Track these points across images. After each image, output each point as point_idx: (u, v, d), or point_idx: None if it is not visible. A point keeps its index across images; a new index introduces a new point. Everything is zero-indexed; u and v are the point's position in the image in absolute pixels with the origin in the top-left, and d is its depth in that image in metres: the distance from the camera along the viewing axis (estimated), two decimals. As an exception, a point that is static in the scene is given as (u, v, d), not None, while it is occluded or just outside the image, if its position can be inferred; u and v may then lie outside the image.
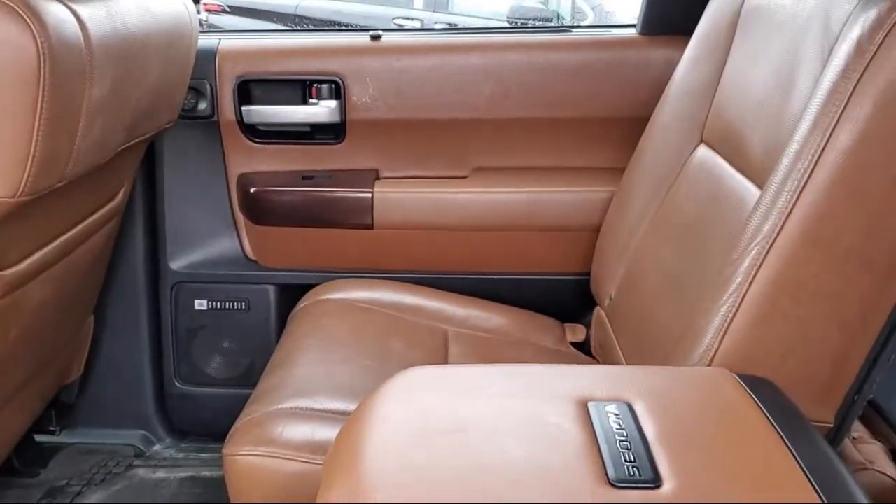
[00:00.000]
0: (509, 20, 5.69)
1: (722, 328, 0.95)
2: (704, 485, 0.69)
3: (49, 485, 1.61)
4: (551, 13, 5.82)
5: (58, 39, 0.93)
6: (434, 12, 6.25)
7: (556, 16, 5.84)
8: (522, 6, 5.97)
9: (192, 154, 1.69)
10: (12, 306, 1.13)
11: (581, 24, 5.55)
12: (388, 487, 0.68)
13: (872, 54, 0.87)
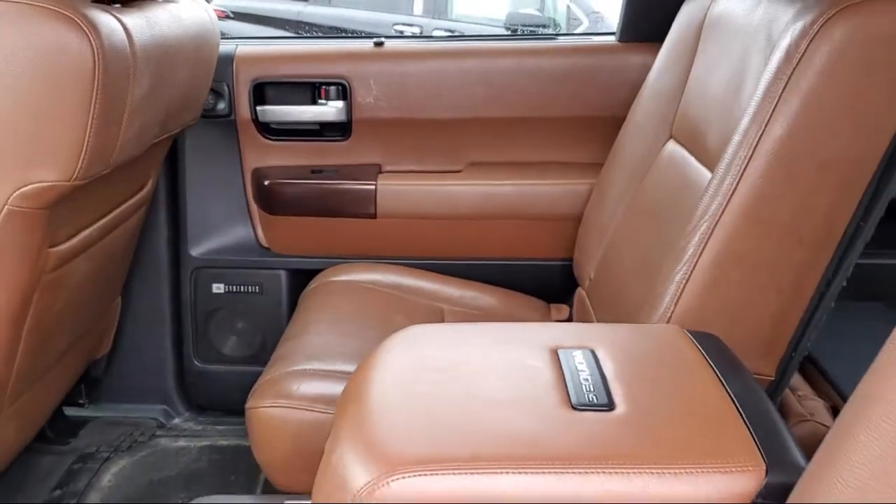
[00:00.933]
0: (506, 27, 5.79)
1: (677, 293, 1.11)
2: (649, 410, 0.85)
3: (80, 451, 1.76)
4: (547, 20, 5.92)
5: (109, 46, 1.09)
6: (433, 19, 6.33)
7: (551, 22, 5.94)
8: (519, 13, 6.09)
9: (211, 150, 1.84)
10: (60, 279, 1.29)
11: (575, 31, 5.69)
12: (391, 411, 0.84)
13: (798, 59, 1.03)
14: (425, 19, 6.32)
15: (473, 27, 6.07)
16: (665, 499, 0.75)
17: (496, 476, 0.75)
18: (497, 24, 5.98)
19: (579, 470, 0.75)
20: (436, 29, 6.03)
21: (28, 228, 1.13)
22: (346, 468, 0.78)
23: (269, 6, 6.45)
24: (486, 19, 6.31)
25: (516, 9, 6.25)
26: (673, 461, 0.76)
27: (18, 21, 1.05)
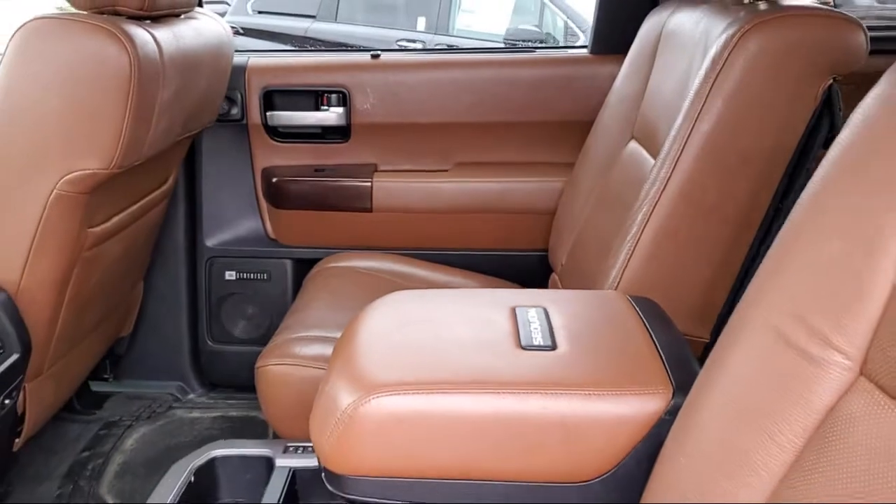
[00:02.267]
0: (505, 41, 5.95)
1: (623, 265, 1.31)
2: (584, 350, 1.04)
3: (105, 420, 1.95)
4: (545, 35, 6.10)
5: (143, 56, 1.29)
6: (435, 34, 6.48)
7: (549, 38, 6.10)
8: (518, 29, 6.26)
9: (225, 151, 2.04)
10: (96, 257, 1.48)
11: (574, 45, 5.87)
12: (374, 351, 1.03)
13: (721, 66, 1.22)
14: (427, 35, 6.46)
15: (474, 43, 6.21)
16: (590, 414, 0.94)
17: (455, 395, 0.94)
18: (497, 40, 6.13)
19: (521, 392, 0.95)
20: (438, 44, 6.18)
21: (72, 210, 1.33)
22: (336, 393, 0.97)
23: (278, 23, 6.59)
24: (487, 35, 6.44)
25: (515, 25, 6.41)
26: (597, 386, 0.95)
27: (69, 35, 1.25)
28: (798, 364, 0.72)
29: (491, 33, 6.41)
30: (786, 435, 0.72)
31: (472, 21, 6.83)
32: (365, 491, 0.97)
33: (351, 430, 0.94)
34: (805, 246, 0.76)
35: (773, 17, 1.21)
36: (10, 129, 1.27)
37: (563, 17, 6.13)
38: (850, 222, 0.71)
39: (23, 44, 1.26)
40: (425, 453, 0.95)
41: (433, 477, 0.96)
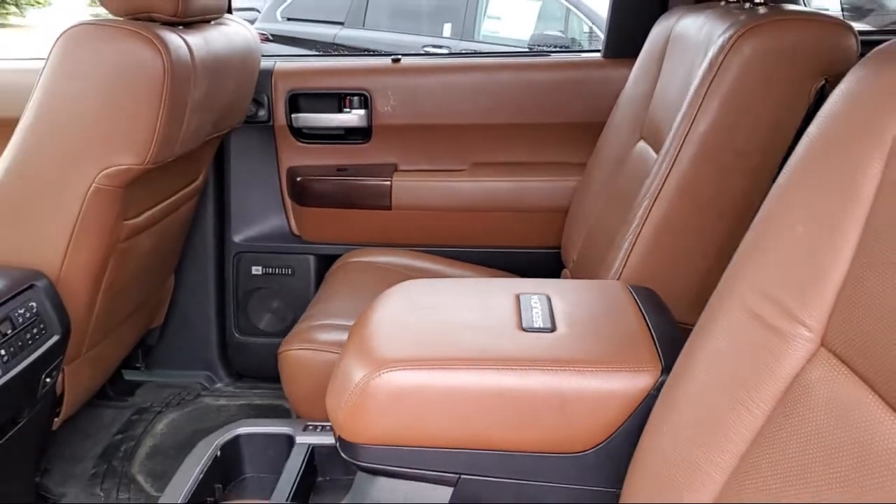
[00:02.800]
0: (530, 47, 6.01)
1: (625, 257, 1.38)
2: (581, 332, 1.11)
3: (137, 406, 2.05)
4: (569, 41, 6.16)
5: (175, 59, 1.39)
6: (461, 40, 6.56)
7: (573, 43, 6.15)
8: (543, 34, 6.33)
9: (252, 151, 2.14)
10: (130, 249, 1.58)
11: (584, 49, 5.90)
12: (385, 332, 1.11)
13: (718, 67, 1.29)
14: (453, 41, 6.53)
15: (499, 48, 6.26)
16: (584, 390, 1.01)
17: (459, 371, 1.02)
18: (522, 45, 6.19)
19: (521, 368, 1.02)
20: (463, 50, 6.25)
21: (109, 203, 1.43)
22: (349, 369, 1.06)
23: (307, 29, 6.69)
24: (512, 40, 6.49)
25: (541, 30, 6.46)
26: (591, 364, 1.02)
27: (108, 40, 1.35)
28: (767, 337, 0.79)
29: (516, 39, 6.45)
30: (756, 402, 0.78)
31: (497, 27, 6.85)
32: (375, 458, 1.05)
33: (363, 402, 1.02)
34: (774, 231, 0.83)
35: (768, 22, 1.28)
36: (53, 127, 1.37)
37: (588, 23, 6.17)
38: (813, 209, 0.78)
39: (65, 48, 1.36)
40: (430, 424, 1.02)
41: (437, 446, 1.03)
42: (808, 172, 0.81)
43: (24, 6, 17.08)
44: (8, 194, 1.41)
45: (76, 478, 1.76)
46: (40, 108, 1.37)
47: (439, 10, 6.82)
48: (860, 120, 0.75)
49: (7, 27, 15.45)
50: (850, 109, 0.77)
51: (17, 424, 1.35)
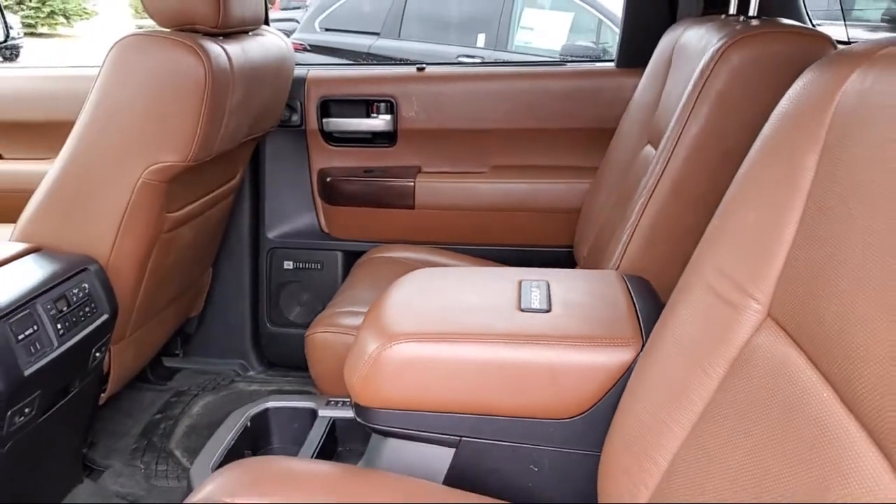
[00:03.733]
0: (562, 57, 6.09)
1: (623, 249, 1.49)
2: (574, 314, 1.22)
3: (175, 390, 2.20)
4: (600, 51, 6.24)
5: (216, 66, 1.53)
6: (494, 50, 6.67)
7: (605, 53, 6.22)
8: (575, 45, 6.42)
9: (285, 153, 2.29)
10: (172, 240, 1.73)
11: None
12: (397, 311, 1.24)
13: (708, 75, 1.40)
14: (486, 51, 6.63)
15: (532, 58, 6.34)
16: (572, 362, 1.13)
17: (460, 344, 1.14)
18: (553, 55, 6.28)
19: (516, 342, 1.14)
20: (497, 60, 6.35)
21: (154, 196, 1.58)
22: (364, 342, 1.18)
23: (344, 40, 6.84)
24: (544, 51, 6.57)
25: (573, 41, 6.55)
26: (579, 339, 1.14)
27: (155, 49, 1.50)
28: (723, 310, 0.90)
29: (548, 49, 6.52)
30: (713, 367, 0.89)
31: (530, 37, 6.91)
32: (386, 421, 1.17)
33: (375, 371, 1.15)
34: (731, 218, 0.94)
35: (755, 34, 1.38)
36: (106, 126, 1.53)
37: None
38: (763, 198, 0.89)
39: (118, 56, 1.51)
40: (435, 391, 1.15)
41: (441, 411, 1.15)
42: (759, 166, 0.92)
43: (72, 17, 17.61)
44: (64, 188, 1.57)
45: (119, 451, 1.91)
46: (95, 110, 1.52)
47: (473, 21, 6.92)
48: (801, 119, 0.86)
49: (56, 37, 15.96)
50: (794, 109, 0.89)
51: (69, 394, 1.49)
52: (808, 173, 0.83)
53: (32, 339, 1.32)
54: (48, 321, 1.36)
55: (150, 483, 1.79)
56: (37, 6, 15.72)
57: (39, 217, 1.58)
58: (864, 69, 0.79)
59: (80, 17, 18.05)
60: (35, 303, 1.35)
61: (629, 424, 1.01)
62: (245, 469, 1.09)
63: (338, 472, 1.12)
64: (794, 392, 0.76)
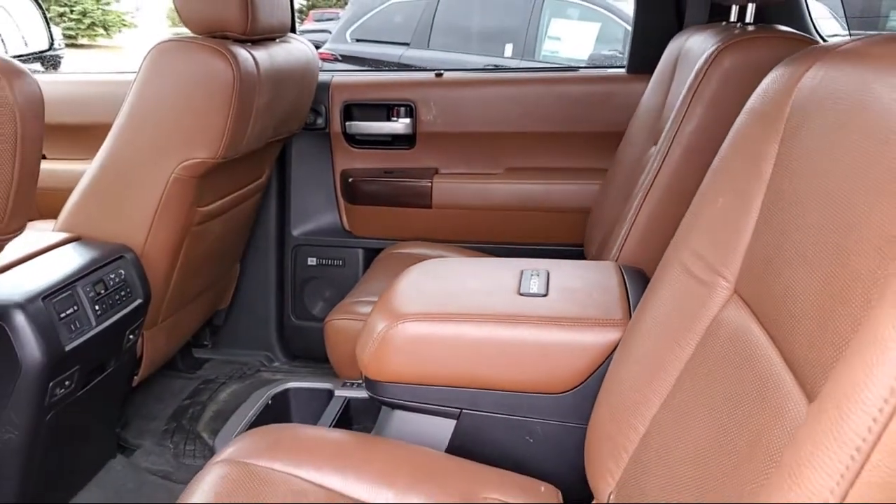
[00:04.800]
0: (589, 66, 6.14)
1: (622, 242, 1.58)
2: (569, 298, 1.31)
3: (203, 378, 2.32)
4: (625, 59, 6.28)
5: (244, 70, 1.65)
6: (522, 60, 6.75)
7: (630, 61, 6.25)
8: (601, 54, 6.50)
9: (310, 155, 2.40)
10: (202, 232, 1.85)
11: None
12: (404, 295, 1.34)
13: (702, 77, 1.48)
14: (514, 60, 6.72)
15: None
16: (563, 341, 1.22)
17: (461, 323, 1.24)
18: (581, 64, 6.34)
19: (512, 322, 1.23)
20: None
21: (186, 191, 1.70)
22: (374, 322, 1.29)
23: (374, 50, 6.97)
24: (571, 60, 6.66)
25: (599, 51, 6.62)
26: (571, 320, 1.23)
27: (189, 53, 1.63)
28: (696, 288, 0.99)
29: (575, 58, 6.59)
30: (686, 339, 0.98)
31: (557, 47, 6.97)
32: (393, 394, 1.27)
33: (384, 347, 1.25)
34: (704, 205, 1.03)
35: (746, 39, 1.47)
36: (143, 124, 1.65)
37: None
38: (731, 185, 0.98)
39: (154, 59, 1.64)
40: (438, 366, 1.25)
41: (444, 385, 1.25)
42: (730, 157, 1.01)
43: (111, 29, 18.03)
44: (103, 182, 1.69)
45: (150, 432, 2.02)
46: (132, 109, 1.65)
47: (501, 31, 7.00)
48: (764, 112, 0.95)
49: (96, 48, 16.37)
50: (759, 103, 0.97)
51: (105, 372, 1.61)
52: (769, 162, 0.92)
53: (73, 318, 1.44)
54: (87, 302, 1.48)
55: (178, 461, 1.90)
56: (77, 18, 16.15)
57: (79, 209, 1.70)
58: (820, 65, 0.88)
59: (119, 29, 18.49)
60: (76, 285, 1.47)
61: (613, 396, 1.10)
62: (263, 435, 1.20)
63: (348, 438, 1.22)
64: (748, 354, 0.84)
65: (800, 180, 0.82)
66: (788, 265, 0.80)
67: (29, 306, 1.35)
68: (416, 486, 1.12)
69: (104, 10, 17.97)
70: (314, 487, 1.09)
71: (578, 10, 7.03)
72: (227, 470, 1.11)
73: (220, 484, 1.08)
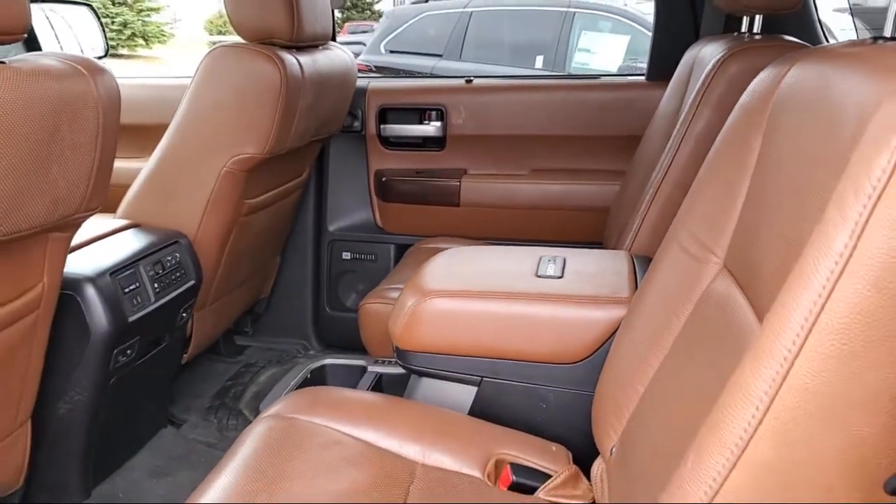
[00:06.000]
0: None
1: (634, 234, 1.71)
2: (582, 280, 1.45)
3: (244, 362, 2.48)
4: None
5: (290, 74, 1.81)
6: (552, 71, 6.89)
7: (659, 75, 6.35)
8: (629, 65, 6.61)
9: (347, 155, 2.56)
10: (248, 223, 2.01)
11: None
12: (432, 276, 1.48)
13: (710, 81, 1.61)
14: (544, 72, 6.86)
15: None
16: (574, 316, 1.35)
17: (483, 301, 1.38)
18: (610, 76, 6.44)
19: (528, 300, 1.37)
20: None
21: (235, 184, 1.86)
22: (405, 298, 1.43)
23: (408, 61, 7.14)
24: (600, 71, 6.76)
25: (628, 62, 6.73)
26: (583, 299, 1.36)
27: (241, 58, 1.79)
28: (691, 264, 1.12)
29: (604, 70, 6.69)
30: (682, 310, 1.11)
31: (588, 59, 7.06)
32: (421, 363, 1.42)
33: (413, 320, 1.39)
34: (700, 191, 1.16)
35: (749, 47, 1.60)
36: (199, 123, 1.82)
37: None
38: (723, 174, 1.11)
39: (209, 64, 1.81)
40: (462, 338, 1.39)
41: (466, 354, 1.39)
42: (722, 148, 1.14)
43: (151, 40, 18.48)
44: (161, 175, 1.86)
45: (196, 409, 2.18)
46: (189, 109, 1.82)
47: (533, 43, 7.12)
48: (752, 109, 1.08)
49: (136, 58, 16.80)
50: (748, 101, 1.10)
51: (160, 346, 1.77)
52: (754, 152, 1.05)
53: (135, 293, 1.60)
54: (147, 280, 1.64)
55: (222, 433, 2.05)
56: (118, 29, 16.61)
57: (139, 199, 1.87)
58: (799, 65, 1.01)
59: (158, 40, 18.96)
60: (138, 264, 1.63)
61: (617, 363, 1.23)
62: (305, 395, 1.35)
63: (380, 400, 1.36)
64: (730, 317, 0.97)
65: (776, 166, 0.95)
66: (764, 238, 0.92)
67: (98, 280, 1.51)
68: (440, 441, 1.26)
69: (144, 21, 18.45)
70: (350, 438, 1.24)
71: (610, 22, 7.13)
72: (273, 423, 1.26)
73: (268, 433, 1.23)
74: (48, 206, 1.18)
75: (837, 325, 0.59)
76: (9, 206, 1.09)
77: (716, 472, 0.65)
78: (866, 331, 0.58)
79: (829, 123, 0.81)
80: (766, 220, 0.94)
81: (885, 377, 0.58)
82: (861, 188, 0.59)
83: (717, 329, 0.99)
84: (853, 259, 0.59)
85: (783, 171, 0.92)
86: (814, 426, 0.61)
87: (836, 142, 0.77)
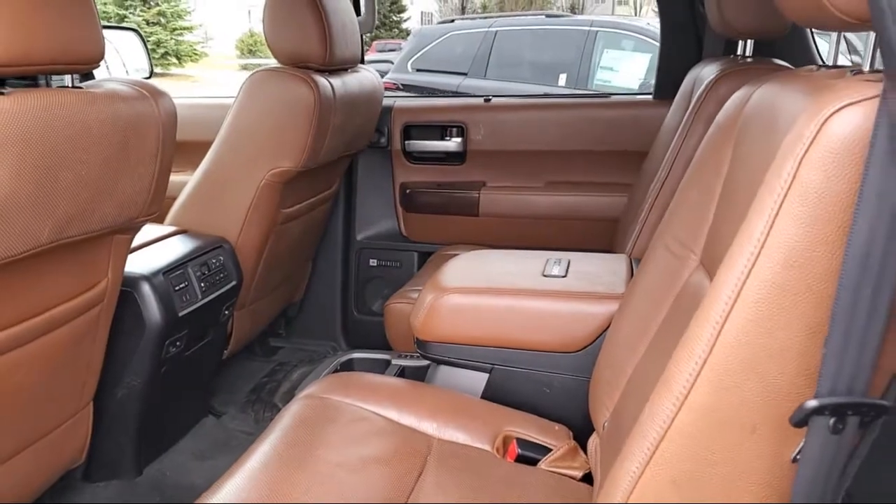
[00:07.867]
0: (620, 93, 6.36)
1: (634, 239, 1.87)
2: (583, 279, 1.61)
3: (278, 362, 2.66)
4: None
5: (323, 95, 2.00)
6: (575, 89, 7.02)
7: (678, 92, 6.47)
8: (650, 83, 6.74)
9: (374, 169, 2.75)
10: (284, 231, 2.20)
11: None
12: (450, 275, 1.65)
13: (702, 100, 1.78)
14: (567, 90, 6.99)
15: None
16: (576, 310, 1.52)
17: (494, 297, 1.55)
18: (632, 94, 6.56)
19: (535, 297, 1.54)
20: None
21: (273, 194, 2.05)
22: (424, 295, 1.60)
23: (434, 79, 7.30)
24: (623, 89, 6.89)
25: (649, 80, 6.86)
26: (583, 295, 1.53)
27: (278, 81, 1.98)
28: (673, 262, 1.28)
29: (626, 88, 6.81)
30: (664, 302, 1.27)
31: (610, 77, 7.17)
32: (438, 352, 1.58)
33: (432, 314, 1.56)
34: (682, 197, 1.32)
35: (740, 69, 1.76)
36: (241, 139, 2.01)
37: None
38: (701, 181, 1.27)
39: (250, 86, 2.00)
40: (475, 330, 1.55)
41: (479, 344, 1.56)
42: (700, 159, 1.31)
43: (183, 59, 18.93)
44: (206, 186, 2.06)
45: (234, 402, 2.37)
46: (231, 126, 2.01)
47: (556, 61, 7.25)
48: (724, 124, 1.24)
49: (169, 76, 17.23)
50: (723, 118, 1.27)
51: (205, 340, 1.96)
52: (726, 161, 1.21)
53: (184, 291, 1.79)
54: (195, 280, 1.83)
55: (259, 425, 2.23)
56: (152, 48, 17.11)
57: (186, 208, 2.07)
58: (765, 86, 1.17)
59: (191, 59, 19.42)
60: (187, 265, 1.83)
61: (611, 349, 1.39)
62: (336, 379, 1.52)
63: (404, 385, 1.54)
64: (699, 302, 1.12)
65: (741, 171, 1.12)
66: (725, 233, 1.08)
67: (153, 279, 1.71)
68: (455, 419, 1.43)
69: (177, 40, 18.95)
70: (375, 416, 1.41)
71: (633, 41, 7.24)
72: (308, 401, 1.43)
73: (303, 410, 1.41)
74: (116, 210, 1.37)
75: (756, 296, 0.76)
76: (85, 209, 1.28)
77: (665, 416, 0.81)
78: (778, 299, 0.75)
79: (771, 134, 0.97)
80: (728, 218, 1.10)
81: (793, 335, 0.74)
82: (773, 188, 0.75)
83: (688, 313, 1.14)
84: (767, 244, 0.75)
85: (744, 175, 1.08)
86: (741, 375, 0.77)
87: (773, 149, 0.94)
